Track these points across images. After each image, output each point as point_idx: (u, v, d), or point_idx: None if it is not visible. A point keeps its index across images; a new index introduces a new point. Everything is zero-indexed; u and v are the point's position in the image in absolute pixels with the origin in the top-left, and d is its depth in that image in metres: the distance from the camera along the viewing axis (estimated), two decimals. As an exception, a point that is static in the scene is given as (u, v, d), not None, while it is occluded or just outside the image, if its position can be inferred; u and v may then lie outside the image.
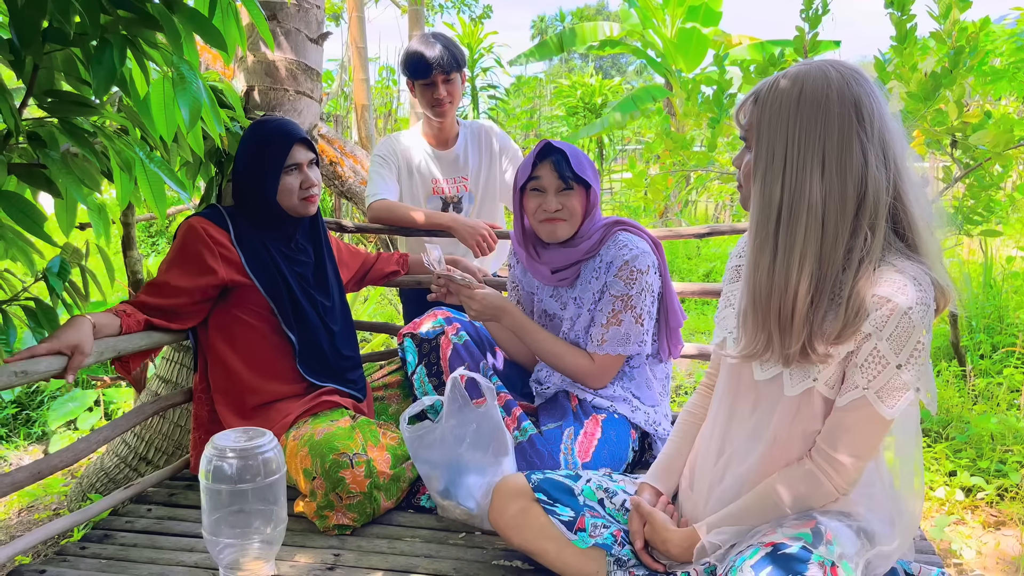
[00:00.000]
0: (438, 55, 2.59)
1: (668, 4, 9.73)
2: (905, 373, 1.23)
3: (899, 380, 1.23)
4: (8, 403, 3.90)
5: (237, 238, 2.09)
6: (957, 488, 2.76)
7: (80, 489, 2.87)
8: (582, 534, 1.54)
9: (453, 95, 2.68)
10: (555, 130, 13.50)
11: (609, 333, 2.01)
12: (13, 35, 1.49)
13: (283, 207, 2.12)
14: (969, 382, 3.55)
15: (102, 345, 1.89)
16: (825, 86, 1.24)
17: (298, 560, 1.73)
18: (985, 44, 3.42)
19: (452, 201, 2.82)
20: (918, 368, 1.23)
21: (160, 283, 2.02)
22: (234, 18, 1.90)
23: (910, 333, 1.21)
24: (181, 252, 2.05)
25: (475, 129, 2.87)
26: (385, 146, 2.83)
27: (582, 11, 33.28)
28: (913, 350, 1.22)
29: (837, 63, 1.27)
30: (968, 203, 3.49)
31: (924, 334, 1.22)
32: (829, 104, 1.23)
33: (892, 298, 1.21)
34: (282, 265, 2.14)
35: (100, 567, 1.70)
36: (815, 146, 1.23)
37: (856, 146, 1.23)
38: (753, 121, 1.30)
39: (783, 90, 1.26)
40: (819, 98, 1.23)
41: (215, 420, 2.12)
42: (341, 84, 10.28)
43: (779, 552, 1.22)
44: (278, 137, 2.10)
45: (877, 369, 1.24)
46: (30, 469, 1.74)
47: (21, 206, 1.69)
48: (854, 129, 1.23)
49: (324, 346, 2.17)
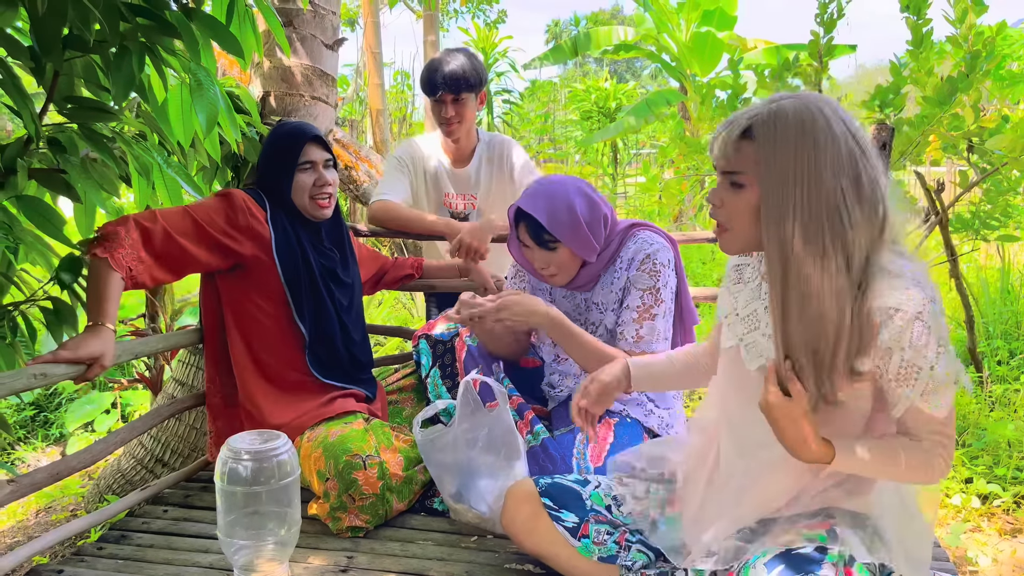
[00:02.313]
0: (449, 74, 2.53)
1: (683, 8, 9.72)
2: (939, 371, 1.21)
3: (937, 381, 1.22)
4: (26, 405, 3.94)
5: (272, 218, 2.10)
6: (973, 495, 2.74)
7: (97, 490, 2.90)
8: (585, 540, 1.54)
9: (462, 115, 2.61)
10: (569, 134, 13.52)
11: (644, 330, 1.98)
12: (34, 42, 1.52)
13: (297, 206, 2.13)
14: (986, 388, 3.52)
15: (120, 348, 1.91)
16: (822, 115, 1.22)
17: (311, 562, 1.74)
18: (1002, 48, 3.41)
19: (460, 216, 2.82)
20: (948, 361, 1.22)
21: (183, 215, 1.95)
22: (251, 25, 1.92)
23: (929, 335, 1.20)
24: (218, 203, 2.03)
25: (492, 146, 2.79)
26: (404, 149, 2.80)
27: (597, 15, 33.31)
28: (938, 347, 1.21)
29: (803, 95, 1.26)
30: (985, 208, 3.47)
31: (942, 329, 1.21)
32: (832, 132, 1.21)
33: (900, 307, 1.19)
34: (310, 254, 2.14)
35: (117, 567, 1.72)
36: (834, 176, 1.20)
37: (865, 171, 1.21)
38: (751, 157, 1.25)
39: (786, 121, 1.22)
40: (823, 127, 1.21)
41: (232, 404, 2.13)
42: (356, 89, 10.33)
43: (792, 552, 1.22)
44: (292, 135, 2.12)
45: (913, 378, 1.22)
46: (48, 470, 1.76)
47: (41, 210, 1.72)
48: (856, 154, 1.21)
49: (337, 342, 2.18)
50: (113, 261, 1.77)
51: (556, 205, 1.92)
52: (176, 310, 4.23)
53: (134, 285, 1.84)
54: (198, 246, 1.96)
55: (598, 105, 12.86)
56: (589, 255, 1.98)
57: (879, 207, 1.22)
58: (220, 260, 2.02)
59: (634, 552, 1.52)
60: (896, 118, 3.36)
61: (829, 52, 3.66)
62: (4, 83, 1.54)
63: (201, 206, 2.00)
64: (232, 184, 2.60)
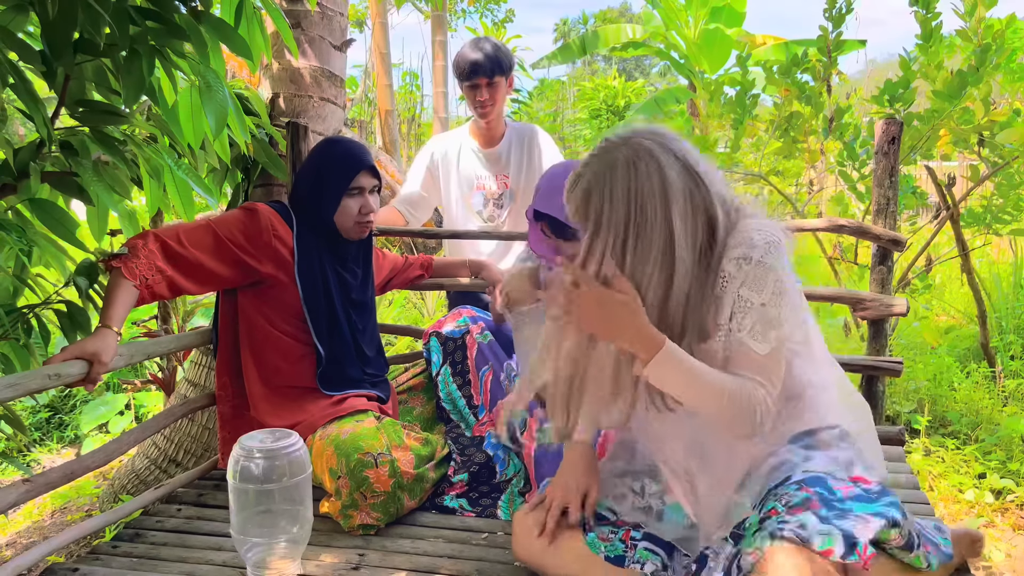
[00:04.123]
0: (482, 59, 2.70)
1: (691, 5, 9.69)
2: (771, 310, 1.35)
3: (766, 318, 1.35)
4: (41, 407, 3.98)
5: (298, 238, 2.10)
6: (987, 491, 2.73)
7: (112, 490, 2.92)
8: (591, 535, 1.55)
9: (495, 98, 2.78)
10: (578, 132, 13.49)
11: None
12: (45, 47, 1.54)
13: (338, 227, 2.14)
14: (999, 383, 3.50)
15: (133, 349, 1.93)
16: (652, 157, 1.35)
17: (323, 559, 1.75)
18: (1012, 41, 3.39)
19: (493, 197, 2.90)
20: (781, 303, 1.35)
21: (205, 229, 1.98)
22: (259, 27, 1.93)
23: (766, 273, 1.35)
24: (242, 219, 2.04)
25: (522, 131, 2.95)
26: (428, 144, 3.00)
27: (605, 13, 33.21)
28: (774, 287, 1.35)
29: (641, 132, 1.40)
30: (997, 202, 3.45)
31: (782, 272, 1.36)
32: (667, 171, 1.34)
33: (744, 254, 1.35)
34: (330, 276, 2.15)
35: (131, 565, 1.73)
36: (672, 209, 1.34)
37: (696, 192, 1.36)
38: (600, 210, 1.37)
39: (621, 175, 1.35)
40: (657, 169, 1.34)
41: (239, 416, 2.14)
42: (365, 90, 10.36)
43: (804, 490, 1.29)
44: (348, 161, 2.12)
45: (743, 312, 1.36)
46: (63, 470, 1.78)
47: (54, 213, 1.74)
48: (689, 179, 1.36)
49: (350, 363, 2.19)
50: (126, 270, 1.80)
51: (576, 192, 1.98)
52: (188, 311, 4.25)
53: (152, 295, 1.87)
54: (218, 261, 1.98)
55: (607, 103, 12.84)
56: None
57: (705, 209, 1.37)
58: (240, 275, 2.05)
59: (640, 551, 1.52)
60: (906, 113, 3.35)
61: (838, 47, 3.65)
62: (16, 87, 1.56)
63: (224, 221, 2.02)
64: (242, 185, 2.61)
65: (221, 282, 2.04)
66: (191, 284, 1.95)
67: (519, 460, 2.08)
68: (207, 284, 2.01)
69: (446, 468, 2.12)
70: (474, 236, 2.84)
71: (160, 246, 1.89)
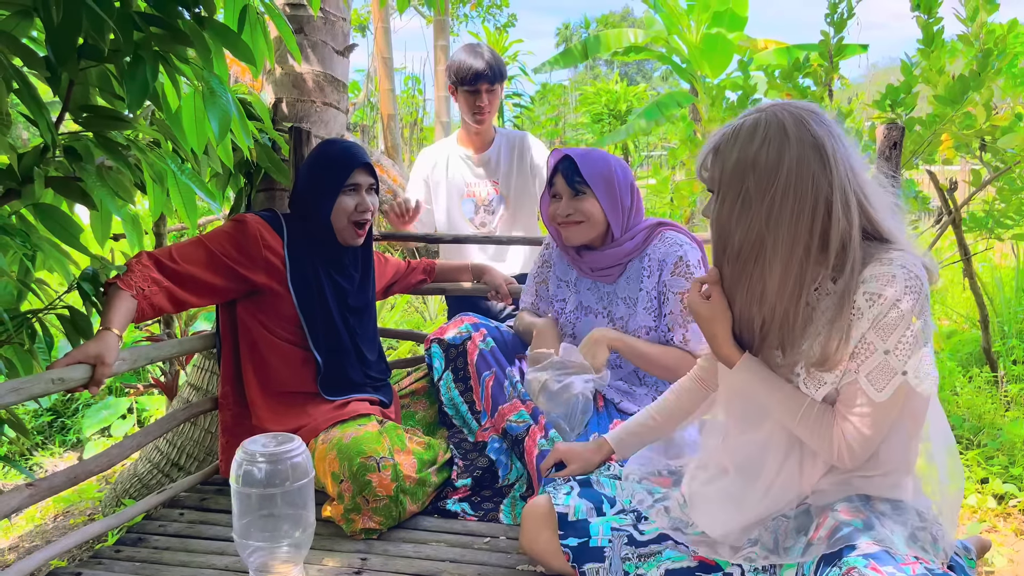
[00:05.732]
0: (484, 66, 2.75)
1: (693, 10, 9.70)
2: (893, 359, 1.28)
3: (887, 366, 1.29)
4: (44, 411, 3.98)
5: (289, 246, 2.12)
6: (989, 495, 2.72)
7: (114, 494, 2.92)
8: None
9: (493, 104, 2.85)
10: (580, 137, 13.51)
11: (690, 332, 2.04)
12: (50, 52, 1.54)
13: (334, 229, 2.15)
14: (1001, 388, 3.50)
15: (136, 353, 1.93)
16: (780, 132, 1.31)
17: (326, 564, 1.75)
18: (1014, 46, 3.38)
19: (483, 204, 2.92)
20: (908, 353, 1.28)
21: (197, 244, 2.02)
22: (262, 32, 1.94)
23: (899, 321, 1.27)
24: (231, 231, 2.07)
25: (511, 137, 2.99)
26: (418, 160, 3.06)
27: (607, 18, 33.27)
28: (902, 336, 1.27)
29: (790, 105, 1.34)
30: (999, 206, 3.45)
31: (914, 321, 1.27)
32: (786, 149, 1.30)
33: (881, 292, 1.27)
34: (324, 283, 2.16)
35: (134, 570, 1.73)
36: (776, 191, 1.30)
37: (811, 183, 1.29)
38: (716, 174, 1.37)
39: (742, 141, 1.33)
40: (777, 144, 1.31)
41: (240, 424, 2.15)
42: (367, 94, 10.38)
43: None
44: (343, 158, 2.14)
45: (865, 355, 1.30)
46: (66, 474, 1.78)
47: (58, 218, 1.75)
48: (811, 168, 1.30)
49: (350, 367, 2.20)
50: (122, 283, 1.84)
51: (593, 155, 2.07)
52: (191, 315, 4.26)
53: (152, 307, 1.89)
54: (212, 273, 2.02)
55: (609, 108, 12.87)
56: (614, 216, 2.05)
57: (825, 211, 1.30)
58: (236, 286, 2.07)
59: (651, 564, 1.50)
60: (908, 117, 3.34)
61: (840, 52, 3.65)
62: (20, 93, 1.56)
63: (214, 236, 2.06)
64: (245, 190, 2.62)
65: (218, 293, 2.06)
66: (189, 296, 1.98)
67: (521, 465, 2.09)
68: (204, 296, 2.03)
69: (448, 472, 2.12)
70: (474, 241, 2.85)
71: (154, 262, 1.94)
